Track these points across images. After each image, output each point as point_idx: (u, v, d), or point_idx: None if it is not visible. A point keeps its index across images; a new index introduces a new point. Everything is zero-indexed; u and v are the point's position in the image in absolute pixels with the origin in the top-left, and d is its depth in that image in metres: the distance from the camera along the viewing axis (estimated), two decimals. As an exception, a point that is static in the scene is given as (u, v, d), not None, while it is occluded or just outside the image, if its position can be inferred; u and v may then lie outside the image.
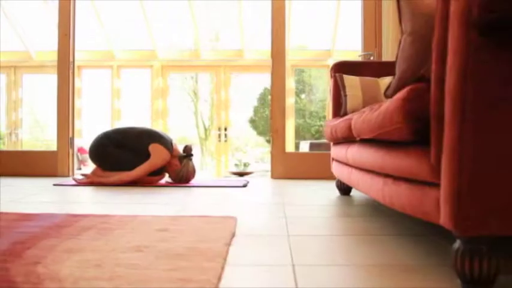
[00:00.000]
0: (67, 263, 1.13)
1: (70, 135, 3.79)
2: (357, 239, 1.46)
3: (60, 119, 3.77)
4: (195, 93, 11.03)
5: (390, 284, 1.02)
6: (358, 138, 1.66)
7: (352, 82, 2.32)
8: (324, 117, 10.31)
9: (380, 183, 1.37)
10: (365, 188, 1.58)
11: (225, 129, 6.78)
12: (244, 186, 3.05)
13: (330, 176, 3.59)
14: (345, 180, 2.00)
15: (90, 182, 3.10)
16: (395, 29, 3.37)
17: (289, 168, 3.68)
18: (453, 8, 0.95)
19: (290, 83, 5.61)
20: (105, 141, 3.15)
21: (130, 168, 3.07)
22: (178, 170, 3.16)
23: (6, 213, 1.86)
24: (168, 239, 1.39)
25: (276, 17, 3.69)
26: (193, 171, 3.21)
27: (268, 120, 11.22)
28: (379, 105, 1.34)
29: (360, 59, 3.58)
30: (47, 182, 3.27)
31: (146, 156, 3.11)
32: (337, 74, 2.41)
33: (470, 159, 0.92)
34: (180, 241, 1.36)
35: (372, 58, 3.56)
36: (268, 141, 11.12)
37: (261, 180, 3.63)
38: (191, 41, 7.43)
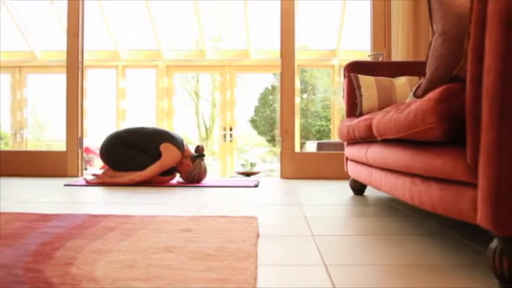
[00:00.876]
0: (99, 263, 1.13)
1: (79, 135, 3.79)
2: (381, 239, 1.46)
3: (69, 119, 3.77)
4: (196, 93, 11.06)
5: (426, 284, 1.02)
6: (379, 138, 1.66)
7: (367, 82, 2.32)
8: (325, 117, 10.32)
9: (407, 183, 1.37)
10: (388, 188, 1.58)
11: (230, 129, 6.78)
12: (256, 186, 3.05)
13: (340, 176, 3.60)
14: (364, 180, 2.00)
15: (101, 182, 3.09)
16: (404, 29, 3.38)
17: (298, 168, 3.69)
18: (491, 7, 0.95)
19: (296, 83, 5.61)
20: (116, 142, 3.15)
21: (142, 168, 3.06)
22: (190, 170, 3.16)
23: (25, 214, 1.85)
24: (195, 240, 1.39)
25: (285, 18, 3.69)
26: (205, 172, 3.22)
27: (269, 120, 11.25)
28: (406, 105, 1.34)
29: (369, 59, 3.59)
30: (57, 182, 3.27)
31: (157, 156, 3.11)
32: (352, 74, 2.41)
33: (509, 159, 0.92)
34: (207, 241, 1.36)
35: (381, 58, 3.57)
36: (268, 141, 11.14)
37: (271, 180, 3.63)
38: (196, 41, 7.43)
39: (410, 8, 3.36)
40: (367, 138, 1.90)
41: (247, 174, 6.23)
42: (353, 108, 2.49)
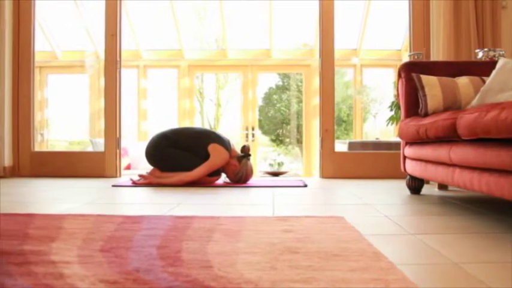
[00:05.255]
0: (237, 266, 1.14)
1: (117, 135, 3.78)
2: (483, 237, 1.48)
3: (108, 119, 3.76)
4: (201, 93, 11.09)
5: None
6: (469, 138, 1.68)
7: (430, 82, 2.34)
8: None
9: (517, 182, 1.38)
10: (485, 187, 1.59)
11: (253, 129, 6.79)
12: (306, 186, 3.05)
13: (381, 175, 3.62)
14: (441, 179, 2.02)
15: (148, 182, 3.09)
16: (446, 29, 3.39)
17: (339, 167, 3.70)
18: None
19: (316, 83, 5.62)
20: (164, 142, 3.15)
21: (190, 168, 3.06)
22: (237, 170, 3.16)
23: (107, 216, 1.85)
24: (307, 241, 1.39)
25: (325, 17, 3.70)
26: (251, 171, 3.22)
27: (273, 119, 11.35)
28: (516, 106, 1.35)
29: (409, 58, 3.60)
30: (102, 183, 3.26)
31: (204, 156, 3.11)
32: (414, 74, 2.42)
33: None
34: (321, 242, 1.37)
35: (420, 57, 3.58)
36: (272, 140, 11.33)
37: (314, 180, 3.63)
38: (219, 40, 7.40)
39: (451, 8, 3.38)
40: (445, 138, 1.91)
41: (275, 174, 6.23)
42: (412, 107, 2.51)
